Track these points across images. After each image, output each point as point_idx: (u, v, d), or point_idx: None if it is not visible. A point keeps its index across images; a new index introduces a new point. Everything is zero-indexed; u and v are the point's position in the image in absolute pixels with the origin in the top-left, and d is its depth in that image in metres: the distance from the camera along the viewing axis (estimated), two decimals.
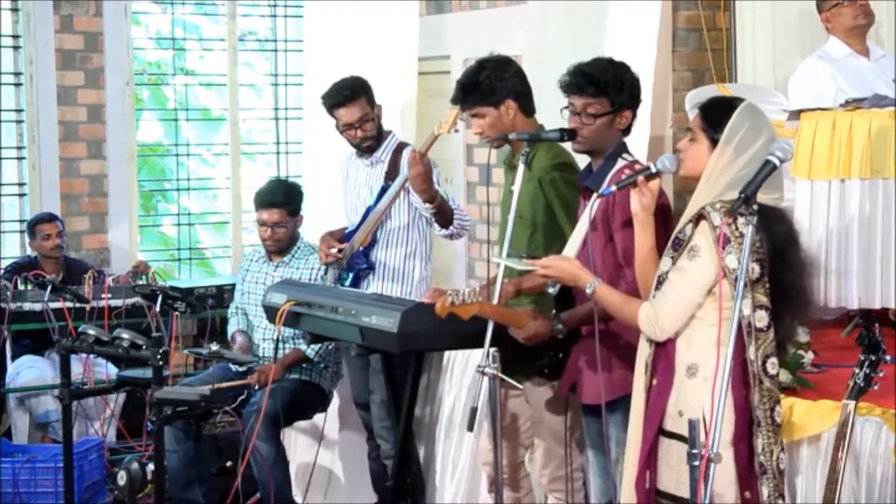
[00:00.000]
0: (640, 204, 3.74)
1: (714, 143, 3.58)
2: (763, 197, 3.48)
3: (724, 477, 3.50)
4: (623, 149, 4.18)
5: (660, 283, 3.62)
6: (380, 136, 5.66)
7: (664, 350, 3.62)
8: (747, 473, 3.53)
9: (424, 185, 5.21)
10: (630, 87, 4.15)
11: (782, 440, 3.60)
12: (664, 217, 3.90)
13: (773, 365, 3.53)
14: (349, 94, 5.56)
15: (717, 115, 3.60)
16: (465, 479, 5.54)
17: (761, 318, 3.51)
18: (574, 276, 3.82)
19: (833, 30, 5.77)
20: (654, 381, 3.63)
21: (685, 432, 3.32)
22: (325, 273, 5.81)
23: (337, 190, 5.99)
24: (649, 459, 3.61)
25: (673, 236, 3.63)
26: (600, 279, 3.80)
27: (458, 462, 5.59)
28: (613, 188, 3.78)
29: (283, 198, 6.04)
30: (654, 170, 3.73)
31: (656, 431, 3.60)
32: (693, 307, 3.55)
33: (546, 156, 4.49)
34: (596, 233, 4.06)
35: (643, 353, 3.68)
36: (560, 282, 3.93)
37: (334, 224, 5.88)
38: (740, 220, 3.40)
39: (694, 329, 3.57)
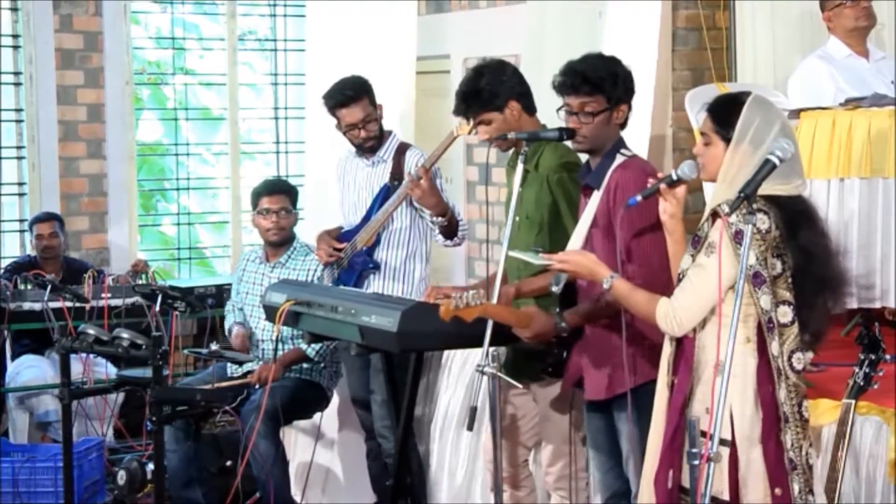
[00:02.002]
0: (665, 212, 3.73)
1: (729, 142, 3.55)
2: (784, 187, 3.48)
3: (754, 474, 3.49)
4: (621, 144, 4.17)
5: (680, 280, 3.61)
6: (381, 135, 5.65)
7: (683, 347, 3.61)
8: (777, 470, 3.50)
9: (434, 199, 5.17)
10: (624, 80, 4.13)
11: (810, 435, 3.57)
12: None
13: (798, 360, 3.50)
14: (352, 94, 5.55)
15: (726, 113, 3.57)
16: (462, 477, 5.54)
17: (784, 314, 3.49)
18: (591, 271, 3.82)
19: (834, 29, 5.78)
20: (676, 380, 3.63)
21: (711, 429, 3.30)
22: (323, 272, 5.80)
23: (336, 190, 5.99)
24: (673, 457, 3.60)
25: (693, 234, 3.63)
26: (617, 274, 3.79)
27: (455, 460, 5.59)
28: (639, 198, 3.74)
29: (285, 187, 6.13)
30: (675, 177, 3.70)
31: (675, 428, 3.59)
32: (711, 303, 3.52)
33: (553, 155, 4.49)
34: (598, 230, 4.06)
35: (666, 351, 3.67)
36: (577, 276, 3.93)
37: (335, 224, 5.87)
38: (758, 216, 3.40)
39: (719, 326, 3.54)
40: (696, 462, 3.26)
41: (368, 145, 5.61)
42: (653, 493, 3.64)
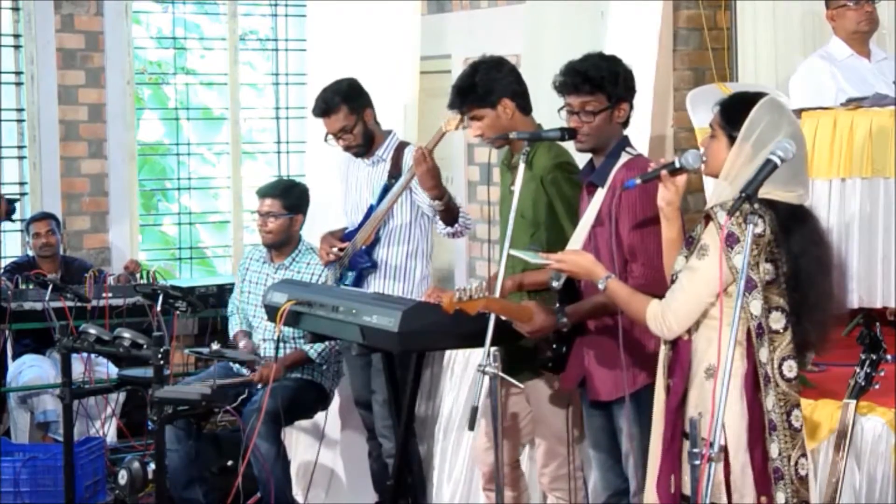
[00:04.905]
0: (663, 199, 3.70)
1: (733, 139, 3.52)
2: (785, 195, 3.45)
3: (744, 480, 3.47)
4: (626, 143, 4.18)
5: (673, 281, 3.60)
6: (371, 140, 5.62)
7: (677, 350, 3.59)
8: (763, 478, 3.47)
9: (433, 181, 5.10)
10: (624, 79, 4.14)
11: (804, 444, 3.52)
12: None
13: (789, 368, 3.45)
14: (325, 107, 5.55)
15: (735, 111, 3.54)
16: (463, 477, 5.55)
17: (777, 320, 3.45)
18: (588, 271, 3.81)
19: (836, 30, 5.77)
20: (672, 382, 3.61)
21: (706, 434, 3.29)
22: (326, 273, 5.80)
23: (338, 189, 5.99)
24: (674, 462, 3.58)
25: (686, 235, 3.62)
26: (614, 275, 3.79)
27: (456, 460, 5.59)
28: (638, 181, 3.72)
29: (279, 190, 6.05)
30: (677, 165, 3.67)
31: (672, 433, 3.57)
32: (702, 306, 3.51)
33: (547, 155, 4.50)
34: (602, 227, 4.06)
35: (662, 353, 3.66)
36: (574, 276, 3.93)
37: (336, 224, 5.87)
38: (749, 219, 3.38)
39: (712, 330, 3.49)
40: (697, 462, 3.26)
41: (353, 152, 5.63)
42: (655, 496, 3.63)
